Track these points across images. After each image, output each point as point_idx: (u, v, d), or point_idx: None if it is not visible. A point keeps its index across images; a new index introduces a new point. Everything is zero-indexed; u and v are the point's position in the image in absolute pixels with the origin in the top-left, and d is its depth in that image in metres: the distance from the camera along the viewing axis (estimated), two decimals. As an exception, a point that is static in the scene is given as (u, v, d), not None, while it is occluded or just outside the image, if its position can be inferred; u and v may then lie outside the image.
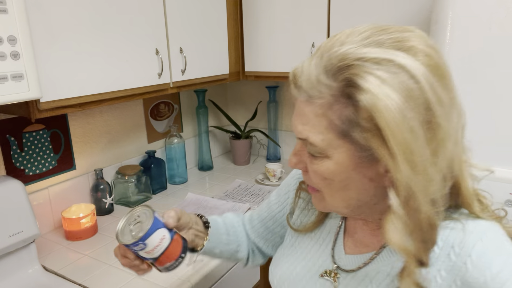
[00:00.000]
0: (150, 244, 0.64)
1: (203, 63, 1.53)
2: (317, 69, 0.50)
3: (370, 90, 0.45)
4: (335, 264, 0.65)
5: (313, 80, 0.50)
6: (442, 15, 1.00)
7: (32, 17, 0.93)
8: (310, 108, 0.51)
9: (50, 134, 1.36)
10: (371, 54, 0.47)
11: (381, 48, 0.47)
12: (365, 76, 0.46)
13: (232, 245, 0.83)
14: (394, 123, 0.45)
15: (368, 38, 0.49)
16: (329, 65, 0.49)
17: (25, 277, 1.09)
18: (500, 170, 0.99)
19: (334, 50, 0.49)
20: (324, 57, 0.50)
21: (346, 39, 0.50)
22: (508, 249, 0.52)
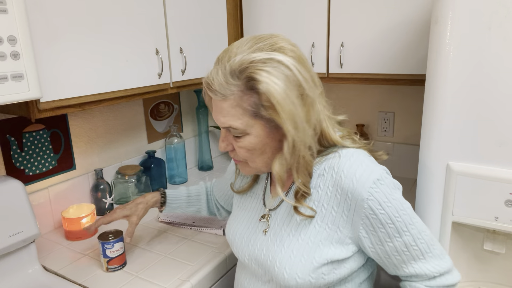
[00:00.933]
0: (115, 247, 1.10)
1: (203, 63, 1.53)
2: (224, 75, 0.72)
3: (264, 80, 0.69)
4: (266, 208, 0.91)
5: (223, 83, 0.72)
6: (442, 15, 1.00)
7: (32, 17, 0.93)
8: (226, 104, 0.74)
9: (50, 134, 1.36)
10: (258, 57, 0.70)
11: (262, 51, 0.72)
12: (258, 72, 0.70)
13: (192, 207, 1.22)
14: (282, 100, 0.70)
15: (252, 47, 0.73)
16: (232, 71, 0.72)
17: (25, 277, 1.09)
18: (500, 170, 0.99)
19: (232, 59, 0.72)
20: (227, 66, 0.72)
21: (237, 50, 0.73)
22: (365, 161, 0.80)
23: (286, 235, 0.84)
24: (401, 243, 0.79)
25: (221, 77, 0.72)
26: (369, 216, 0.77)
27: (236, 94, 0.72)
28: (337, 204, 0.80)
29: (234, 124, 0.75)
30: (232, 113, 0.74)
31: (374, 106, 1.87)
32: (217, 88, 0.73)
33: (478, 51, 0.97)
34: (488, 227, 1.03)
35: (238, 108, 0.73)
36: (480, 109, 0.99)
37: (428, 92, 1.08)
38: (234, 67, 0.71)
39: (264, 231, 0.89)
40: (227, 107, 0.74)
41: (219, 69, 0.73)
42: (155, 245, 1.26)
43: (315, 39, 1.57)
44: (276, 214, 0.89)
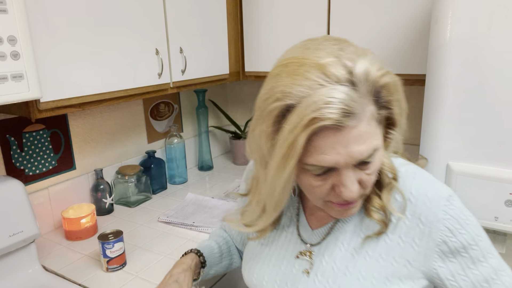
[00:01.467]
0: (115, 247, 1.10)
1: (203, 63, 1.53)
2: (353, 89, 0.53)
3: (384, 76, 0.56)
4: (306, 244, 0.74)
5: (357, 99, 0.53)
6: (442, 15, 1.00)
7: (32, 17, 0.93)
8: (363, 125, 0.55)
9: (50, 134, 1.36)
10: (370, 60, 0.56)
11: (360, 50, 0.57)
12: (377, 73, 0.55)
13: (225, 261, 0.96)
14: (398, 86, 0.59)
15: (344, 49, 0.56)
16: (359, 78, 0.54)
17: (25, 277, 1.09)
18: (500, 170, 0.99)
19: (353, 67, 0.54)
20: (352, 78, 0.53)
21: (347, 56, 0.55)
22: (430, 178, 0.69)
23: (341, 274, 0.68)
24: (488, 269, 0.65)
25: (351, 93, 0.52)
26: (447, 240, 0.64)
27: (368, 104, 0.55)
28: (406, 233, 0.66)
29: (376, 144, 0.57)
30: (371, 131, 0.56)
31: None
32: (355, 109, 0.53)
33: (478, 51, 0.97)
34: (488, 227, 1.03)
35: (373, 121, 0.56)
36: (480, 109, 0.99)
37: (428, 92, 1.08)
38: (362, 73, 0.54)
39: (306, 271, 0.72)
40: (364, 128, 0.55)
41: (340, 87, 0.52)
42: (155, 245, 1.25)
43: (315, 39, 1.57)
44: (322, 249, 0.72)
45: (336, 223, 0.71)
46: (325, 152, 0.54)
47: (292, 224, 0.77)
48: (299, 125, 0.52)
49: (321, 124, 0.51)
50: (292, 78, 0.54)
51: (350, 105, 0.52)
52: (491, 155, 1.00)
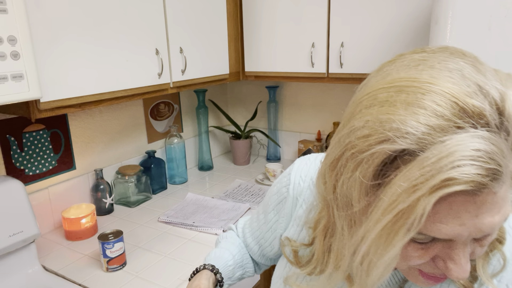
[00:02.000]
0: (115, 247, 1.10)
1: (203, 63, 1.53)
2: (505, 140, 0.36)
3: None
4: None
5: (506, 156, 0.36)
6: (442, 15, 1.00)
7: (32, 17, 0.93)
8: (504, 188, 0.37)
9: (50, 134, 1.36)
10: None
11: (504, 75, 0.39)
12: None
13: (237, 272, 0.82)
14: None
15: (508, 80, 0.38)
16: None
17: (25, 277, 1.09)
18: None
19: (506, 109, 0.37)
20: (507, 124, 0.37)
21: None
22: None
23: None
24: None
25: (503, 145, 0.36)
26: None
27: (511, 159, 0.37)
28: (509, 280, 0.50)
29: (507, 213, 0.39)
30: (507, 197, 0.39)
31: (374, 106, 1.87)
32: (504, 169, 0.36)
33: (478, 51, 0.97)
34: (488, 227, 1.03)
35: (509, 187, 0.38)
36: (480, 109, 0.99)
37: (428, 92, 1.08)
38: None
39: None
40: (504, 193, 0.38)
41: (490, 133, 0.36)
42: (155, 245, 1.25)
43: (315, 39, 1.57)
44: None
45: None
46: (445, 221, 0.38)
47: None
48: (423, 186, 0.35)
49: (458, 188, 0.34)
50: (412, 111, 0.37)
51: (501, 163, 0.35)
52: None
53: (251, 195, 1.64)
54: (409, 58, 0.42)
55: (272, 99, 2.04)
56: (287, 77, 1.70)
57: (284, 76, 1.70)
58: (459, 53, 0.41)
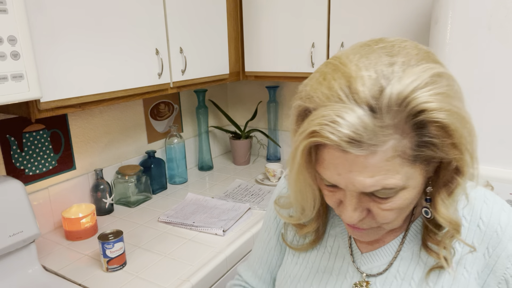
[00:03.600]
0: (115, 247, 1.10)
1: (203, 63, 1.53)
2: (372, 117, 0.45)
3: (441, 108, 0.45)
4: (363, 273, 0.64)
5: (375, 129, 0.45)
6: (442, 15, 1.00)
7: (32, 17, 0.93)
8: (376, 158, 0.46)
9: (50, 134, 1.36)
10: (419, 78, 0.45)
11: (414, 66, 0.47)
12: (430, 100, 0.45)
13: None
14: (465, 128, 0.47)
15: (393, 65, 0.47)
16: (388, 107, 0.45)
17: (25, 277, 1.09)
18: (500, 170, 0.99)
19: (381, 90, 0.45)
20: (375, 102, 0.45)
21: (374, 70, 0.47)
22: (505, 205, 0.61)
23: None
24: None
25: (368, 121, 0.45)
26: (509, 280, 0.57)
27: (392, 139, 0.46)
28: (471, 263, 0.59)
29: (390, 183, 0.48)
30: (387, 168, 0.47)
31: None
32: (365, 138, 0.45)
33: (478, 51, 0.97)
34: (488, 227, 1.03)
35: (397, 158, 0.47)
36: (479, 109, 0.99)
37: (428, 92, 1.08)
38: (391, 101, 0.45)
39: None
40: (377, 162, 0.46)
41: (357, 110, 0.45)
42: (155, 245, 1.25)
43: (315, 39, 1.57)
44: (384, 282, 0.62)
45: (399, 252, 0.62)
46: (328, 167, 0.50)
47: (336, 244, 0.68)
48: (303, 133, 0.48)
49: (318, 140, 0.46)
50: (320, 81, 0.50)
51: (358, 132, 0.44)
52: (491, 155, 1.00)
53: (251, 195, 1.64)
54: (361, 43, 0.55)
55: (272, 99, 2.04)
56: (287, 77, 1.70)
57: (284, 76, 1.70)
58: (397, 46, 0.50)
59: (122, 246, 1.11)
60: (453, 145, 0.47)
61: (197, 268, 1.12)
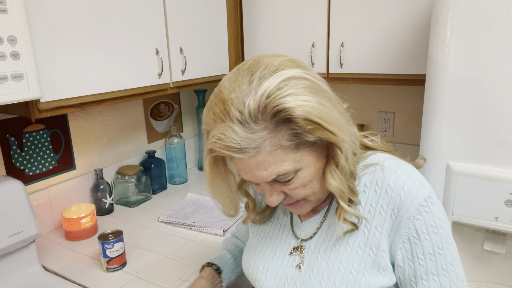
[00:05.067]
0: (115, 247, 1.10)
1: (203, 63, 1.53)
2: (244, 127, 0.58)
3: (295, 105, 0.57)
4: (298, 238, 0.78)
5: (249, 136, 0.58)
6: (442, 15, 1.00)
7: (32, 17, 0.93)
8: (262, 155, 0.60)
9: (50, 134, 1.36)
10: (270, 86, 0.58)
11: (267, 79, 0.59)
12: (283, 101, 0.57)
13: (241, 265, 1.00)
14: (322, 113, 0.59)
15: (251, 81, 0.59)
16: (252, 117, 0.58)
17: (25, 277, 1.09)
18: (500, 170, 0.99)
19: (242, 106, 0.58)
20: (241, 116, 0.58)
21: (238, 93, 0.59)
22: (414, 174, 0.70)
23: (324, 264, 0.72)
24: (435, 285, 0.67)
25: (241, 132, 0.58)
26: (411, 240, 0.67)
27: (268, 138, 0.59)
28: (381, 223, 0.68)
29: (282, 170, 0.62)
30: (274, 160, 0.61)
31: (374, 106, 1.87)
32: (245, 145, 0.58)
33: (478, 51, 0.97)
34: (488, 227, 1.03)
35: (278, 151, 0.60)
36: (480, 109, 0.99)
37: (428, 92, 1.08)
38: (252, 111, 0.57)
39: (298, 265, 0.76)
40: (264, 158, 0.60)
41: (232, 125, 0.58)
42: (155, 245, 1.25)
43: (315, 39, 1.57)
44: (311, 244, 0.76)
45: (325, 218, 0.76)
46: (240, 169, 0.65)
47: (285, 216, 0.83)
48: (206, 150, 0.63)
49: (215, 154, 0.61)
50: (209, 108, 0.63)
51: (237, 142, 0.58)
52: (491, 155, 1.00)
53: (251, 195, 1.64)
54: (238, 66, 0.65)
55: (272, 99, 2.04)
56: (287, 77, 1.70)
57: (284, 76, 1.70)
58: (260, 64, 0.61)
59: (122, 246, 1.11)
60: (319, 129, 0.59)
61: (197, 268, 1.12)
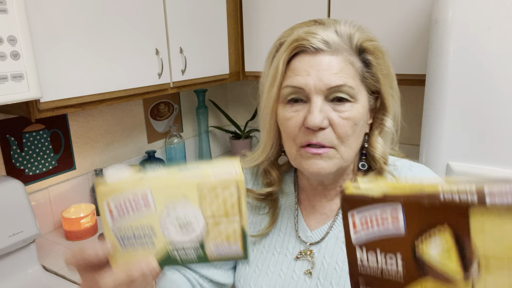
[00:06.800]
0: None
1: (203, 63, 1.53)
2: (333, 32, 0.62)
3: (378, 45, 0.65)
4: (306, 243, 0.71)
5: (334, 37, 0.61)
6: (442, 15, 1.00)
7: (32, 17, 0.93)
8: (338, 59, 0.61)
9: (50, 134, 1.36)
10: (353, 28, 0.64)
11: (363, 32, 0.65)
12: (372, 37, 0.65)
13: None
14: (390, 68, 0.66)
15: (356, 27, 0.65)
16: (342, 32, 0.62)
17: (25, 277, 1.09)
18: (500, 170, 0.99)
19: (338, 26, 0.63)
20: (335, 27, 0.62)
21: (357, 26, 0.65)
22: (429, 174, 0.71)
23: (344, 275, 0.65)
24: None
25: (331, 32, 0.62)
26: None
27: (347, 50, 0.62)
28: None
29: (349, 82, 0.61)
30: (346, 71, 0.61)
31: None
32: (326, 38, 0.61)
33: (478, 51, 0.97)
34: (488, 227, 1.03)
35: (351, 66, 0.62)
36: (480, 109, 0.99)
37: (428, 92, 1.08)
38: (344, 31, 0.63)
39: (308, 271, 0.68)
40: (339, 62, 0.61)
41: (325, 28, 0.62)
42: (155, 245, 1.25)
43: (315, 39, 1.57)
44: (323, 249, 0.69)
45: (335, 221, 0.70)
46: (299, 73, 0.61)
47: (289, 226, 0.74)
48: (283, 50, 0.62)
49: (299, 43, 0.61)
50: (291, 27, 0.66)
51: (328, 39, 0.61)
52: (491, 155, 1.00)
53: (251, 195, 1.64)
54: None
55: (272, 99, 2.04)
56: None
57: (284, 76, 1.70)
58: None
59: None
60: (381, 71, 0.64)
61: (197, 268, 1.12)
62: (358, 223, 0.36)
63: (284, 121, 0.64)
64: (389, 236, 0.35)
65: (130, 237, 0.42)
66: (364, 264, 0.37)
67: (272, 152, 0.71)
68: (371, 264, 0.37)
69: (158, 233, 0.41)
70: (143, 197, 0.41)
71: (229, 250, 0.42)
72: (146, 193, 0.40)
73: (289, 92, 0.63)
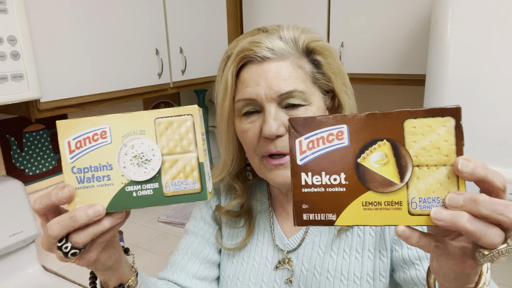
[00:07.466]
0: None
1: (203, 63, 1.53)
2: (278, 38, 0.63)
3: (325, 44, 0.64)
4: (284, 251, 0.70)
5: (279, 43, 0.62)
6: (442, 15, 1.00)
7: (32, 17, 0.93)
8: (286, 63, 0.61)
9: (50, 134, 1.36)
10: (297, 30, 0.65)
11: (308, 33, 0.65)
12: (317, 38, 0.65)
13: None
14: (341, 67, 0.66)
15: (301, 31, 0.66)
16: (286, 37, 0.63)
17: (25, 277, 1.09)
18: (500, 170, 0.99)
19: (281, 31, 0.64)
20: (279, 33, 0.63)
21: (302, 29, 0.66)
22: None
23: (322, 279, 0.66)
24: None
25: (275, 39, 0.62)
26: None
27: (294, 58, 0.62)
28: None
29: (300, 87, 0.61)
30: (295, 75, 0.61)
31: (374, 106, 1.87)
32: (271, 45, 0.61)
33: (478, 51, 0.97)
34: (488, 227, 1.03)
35: (299, 69, 0.62)
36: (480, 109, 0.99)
37: (428, 92, 1.08)
38: (288, 35, 0.63)
39: (288, 280, 0.69)
40: (287, 68, 0.61)
41: (269, 35, 0.63)
42: (155, 245, 1.25)
43: (315, 39, 1.57)
44: (300, 255, 0.69)
45: (309, 227, 0.70)
46: (249, 84, 0.62)
47: (266, 236, 0.73)
48: (230, 63, 0.63)
49: (245, 54, 0.61)
50: (236, 39, 0.66)
51: (273, 46, 0.61)
52: (491, 155, 1.00)
53: (251, 195, 1.64)
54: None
55: (272, 99, 2.04)
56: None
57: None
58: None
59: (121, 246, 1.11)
60: (331, 70, 0.64)
61: (197, 268, 1.12)
62: (305, 147, 0.40)
63: (242, 133, 0.64)
64: (334, 150, 0.39)
65: (88, 171, 0.43)
66: (308, 183, 0.40)
67: (233, 166, 0.71)
68: (316, 183, 0.40)
69: (115, 168, 0.42)
70: (101, 134, 0.42)
71: (185, 186, 0.42)
72: (105, 129, 0.42)
73: (243, 105, 0.63)
